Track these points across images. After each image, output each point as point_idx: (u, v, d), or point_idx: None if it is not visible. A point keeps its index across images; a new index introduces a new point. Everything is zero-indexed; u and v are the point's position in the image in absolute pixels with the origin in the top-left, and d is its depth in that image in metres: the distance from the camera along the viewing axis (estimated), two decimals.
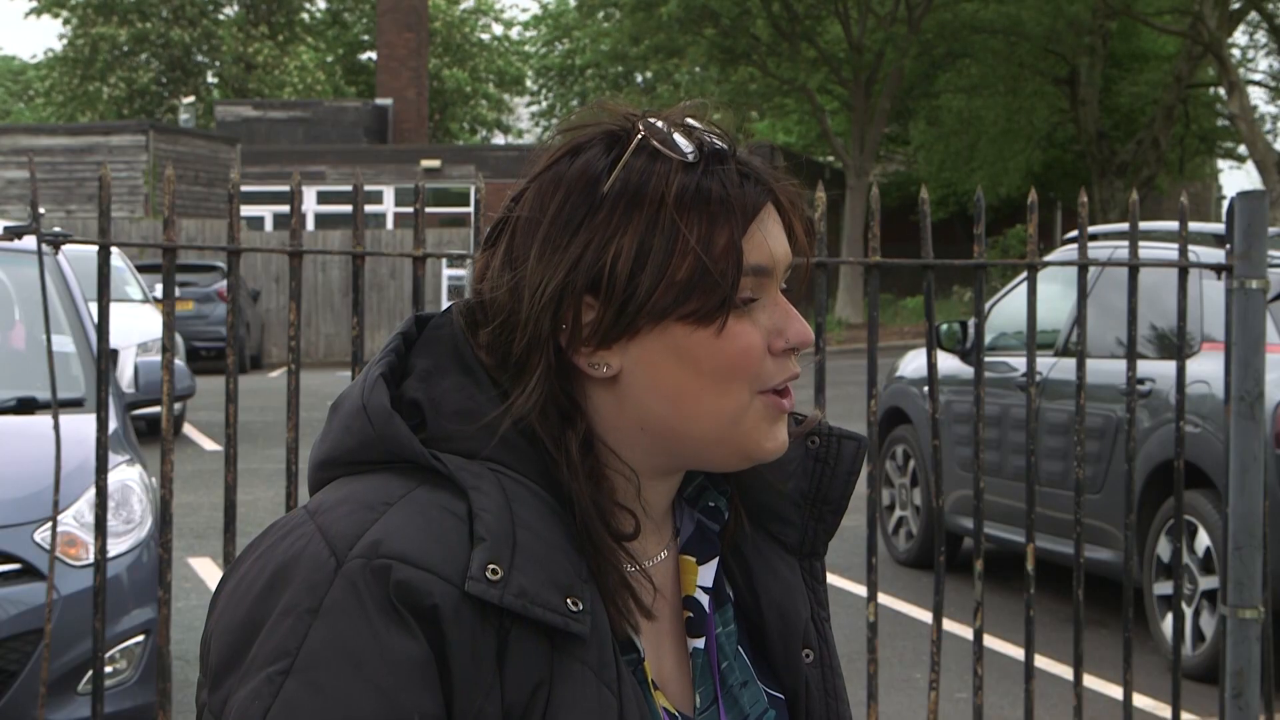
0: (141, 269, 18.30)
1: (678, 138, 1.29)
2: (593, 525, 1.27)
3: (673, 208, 1.27)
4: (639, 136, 1.29)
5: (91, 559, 4.38)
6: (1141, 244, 4.83)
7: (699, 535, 1.39)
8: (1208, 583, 6.91)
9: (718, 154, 1.30)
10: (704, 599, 1.36)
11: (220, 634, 1.24)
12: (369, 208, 31.29)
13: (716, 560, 1.38)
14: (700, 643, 1.35)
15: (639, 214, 1.27)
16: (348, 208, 17.02)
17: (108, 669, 4.93)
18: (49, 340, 3.66)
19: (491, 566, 1.20)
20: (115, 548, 4.95)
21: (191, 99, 45.77)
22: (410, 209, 30.65)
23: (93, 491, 3.65)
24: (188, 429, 15.17)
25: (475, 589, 1.19)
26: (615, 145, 1.30)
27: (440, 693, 1.19)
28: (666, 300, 1.27)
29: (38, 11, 44.58)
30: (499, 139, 53.08)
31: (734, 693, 1.37)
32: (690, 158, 1.28)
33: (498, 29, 53.93)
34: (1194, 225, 6.02)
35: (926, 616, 7.85)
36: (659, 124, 1.30)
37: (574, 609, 1.22)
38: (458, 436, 1.27)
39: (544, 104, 52.66)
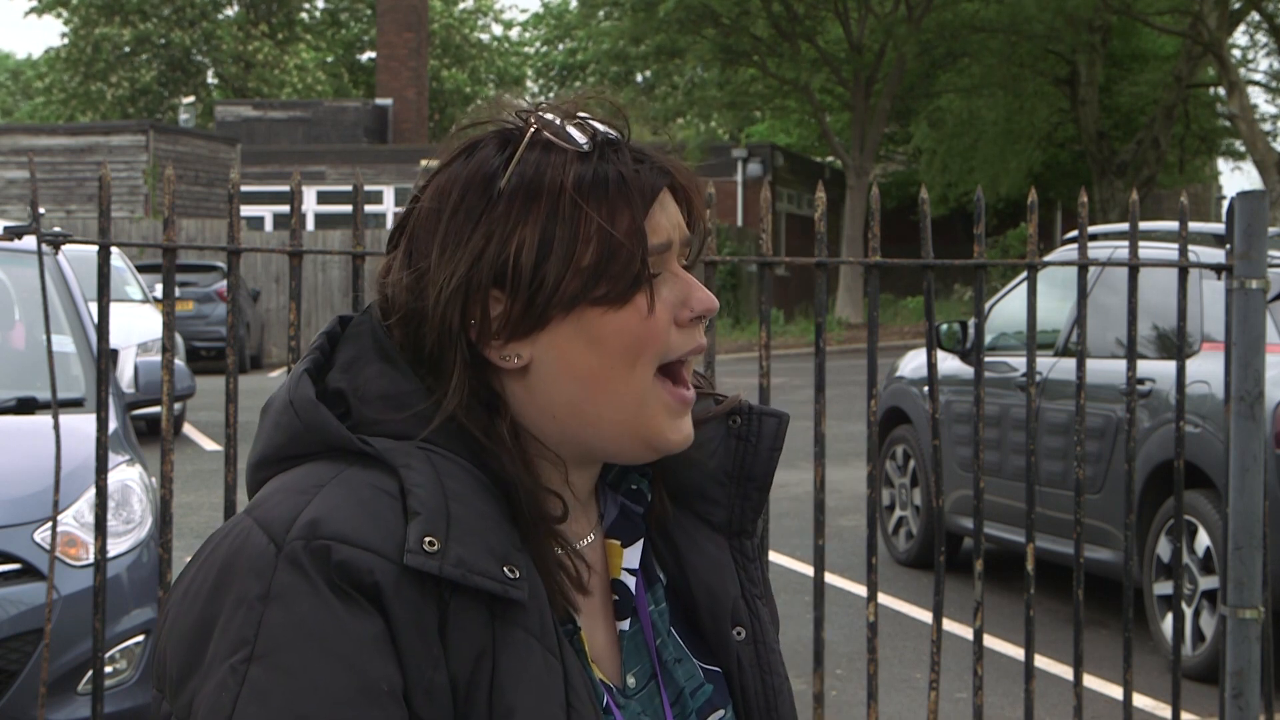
0: (141, 269, 18.27)
1: (571, 130, 1.31)
2: (531, 506, 1.29)
3: (572, 194, 1.28)
4: (532, 131, 1.31)
5: (91, 559, 4.37)
6: (1141, 244, 4.83)
7: (623, 518, 1.40)
8: (1208, 583, 6.90)
9: (611, 143, 1.32)
10: (630, 581, 1.38)
11: (175, 642, 1.25)
12: (369, 208, 31.29)
13: (642, 541, 1.40)
14: (625, 624, 1.37)
15: (538, 205, 1.28)
16: (348, 208, 17.02)
17: (108, 669, 4.92)
18: (49, 340, 3.66)
19: (428, 539, 1.22)
20: (115, 548, 4.94)
21: (191, 99, 45.77)
22: None
23: (93, 491, 3.64)
24: (188, 429, 15.16)
25: (414, 561, 1.21)
26: (509, 143, 1.32)
27: (398, 665, 1.21)
28: (575, 287, 1.28)
29: (38, 11, 44.56)
30: None
31: (669, 669, 1.39)
32: (584, 148, 1.30)
33: (497, 29, 53.93)
34: (1194, 225, 6.02)
35: (926, 616, 7.85)
36: (551, 118, 1.32)
37: (511, 576, 1.24)
38: (385, 421, 1.29)
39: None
